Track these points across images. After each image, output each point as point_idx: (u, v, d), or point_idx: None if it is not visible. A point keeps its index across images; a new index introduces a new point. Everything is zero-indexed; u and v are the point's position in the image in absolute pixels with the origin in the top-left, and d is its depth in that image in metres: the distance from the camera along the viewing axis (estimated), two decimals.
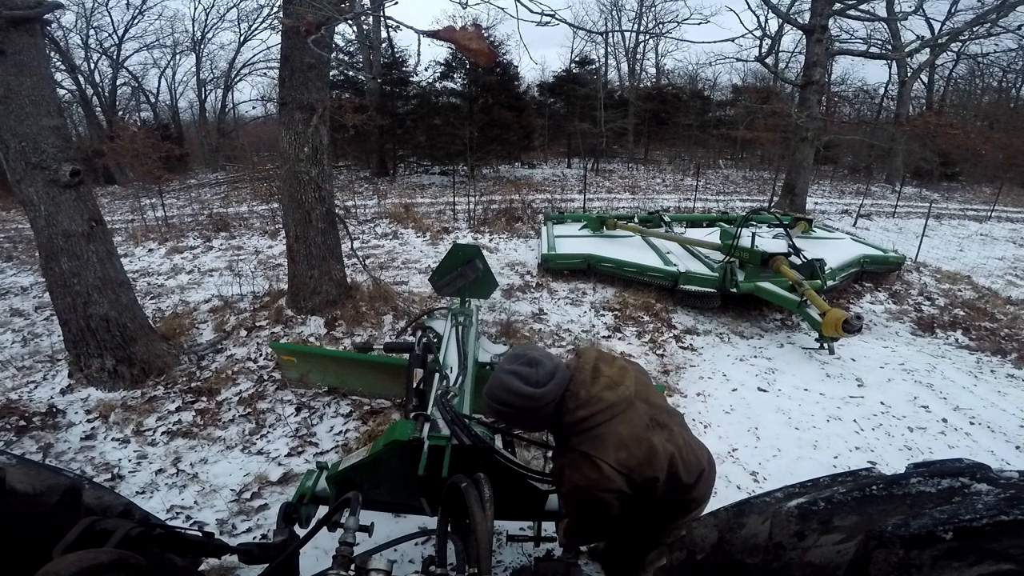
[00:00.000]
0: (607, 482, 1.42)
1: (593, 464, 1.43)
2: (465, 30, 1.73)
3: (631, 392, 1.53)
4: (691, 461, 1.56)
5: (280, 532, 1.69)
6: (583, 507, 1.53)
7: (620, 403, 1.50)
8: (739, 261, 5.74)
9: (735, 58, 23.19)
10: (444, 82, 18.52)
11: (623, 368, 1.60)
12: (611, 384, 1.52)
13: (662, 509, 1.58)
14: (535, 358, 1.52)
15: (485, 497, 1.33)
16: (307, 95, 4.51)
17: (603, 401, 1.49)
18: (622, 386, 1.52)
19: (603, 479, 1.42)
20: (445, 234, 9.33)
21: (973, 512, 0.72)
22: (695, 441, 1.66)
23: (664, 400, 1.69)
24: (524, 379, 1.49)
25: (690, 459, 1.56)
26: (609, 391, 1.50)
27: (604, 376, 1.53)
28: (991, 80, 24.96)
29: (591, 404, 1.48)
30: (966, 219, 13.44)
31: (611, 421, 1.48)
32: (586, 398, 1.49)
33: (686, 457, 1.55)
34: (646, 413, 1.53)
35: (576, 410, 1.49)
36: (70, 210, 3.51)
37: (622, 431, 1.46)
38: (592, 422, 1.48)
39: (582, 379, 1.53)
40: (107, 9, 21.10)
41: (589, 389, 1.50)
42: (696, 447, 1.63)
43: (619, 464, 1.42)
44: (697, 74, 27.91)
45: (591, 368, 1.55)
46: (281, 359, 3.87)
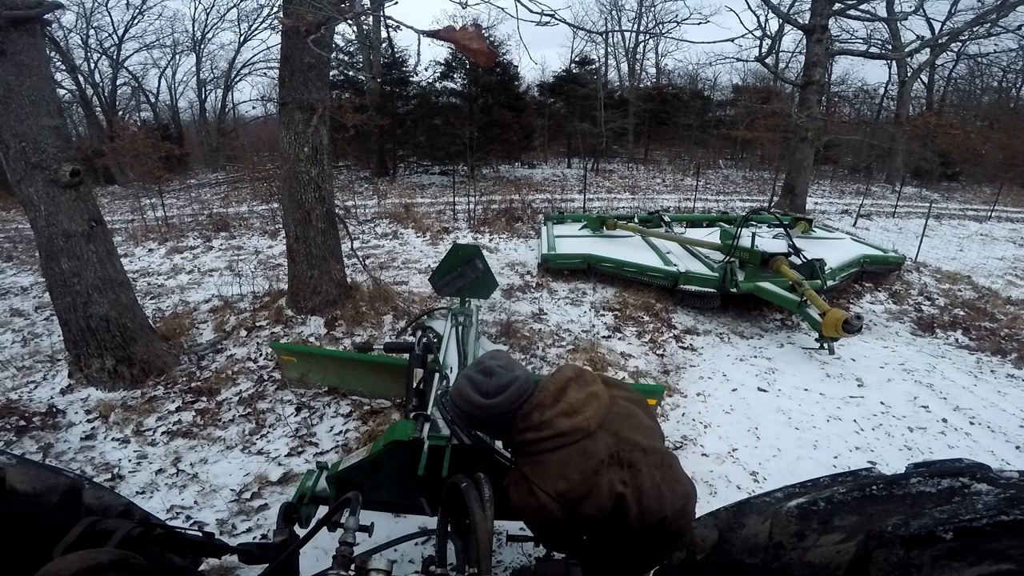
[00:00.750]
0: (543, 511, 1.37)
1: (530, 490, 1.38)
2: (465, 30, 1.73)
3: (591, 423, 1.42)
4: (650, 507, 1.42)
5: (280, 532, 1.69)
6: (528, 525, 1.50)
7: (573, 432, 1.40)
8: (739, 261, 5.74)
9: (735, 58, 23.17)
10: (444, 82, 18.54)
11: (593, 395, 1.49)
12: (569, 411, 1.42)
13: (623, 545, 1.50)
14: (491, 368, 1.47)
15: (485, 497, 1.33)
16: (307, 95, 4.51)
17: (554, 428, 1.40)
18: (580, 416, 1.42)
19: (540, 507, 1.37)
20: (445, 234, 9.33)
21: (973, 512, 0.72)
22: (673, 487, 1.50)
23: (650, 435, 1.56)
24: (475, 387, 1.46)
25: (649, 504, 1.42)
26: (564, 418, 1.41)
27: (565, 401, 1.44)
28: (991, 80, 24.99)
29: (541, 428, 1.41)
30: (966, 219, 13.44)
31: (558, 450, 1.40)
32: (537, 421, 1.42)
33: (644, 502, 1.41)
34: (607, 448, 1.42)
35: (525, 431, 1.43)
36: (70, 210, 3.51)
37: (567, 462, 1.38)
38: (538, 447, 1.41)
39: (540, 400, 1.45)
40: (107, 9, 21.13)
41: (544, 412, 1.42)
42: (668, 494, 1.47)
43: (557, 494, 1.35)
44: (697, 74, 27.95)
45: (556, 389, 1.47)
46: (281, 359, 3.88)
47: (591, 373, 1.59)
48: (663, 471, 1.50)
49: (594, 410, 1.45)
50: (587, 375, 1.56)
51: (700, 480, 3.07)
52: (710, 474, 3.14)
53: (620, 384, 1.68)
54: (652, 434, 1.57)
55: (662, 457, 1.53)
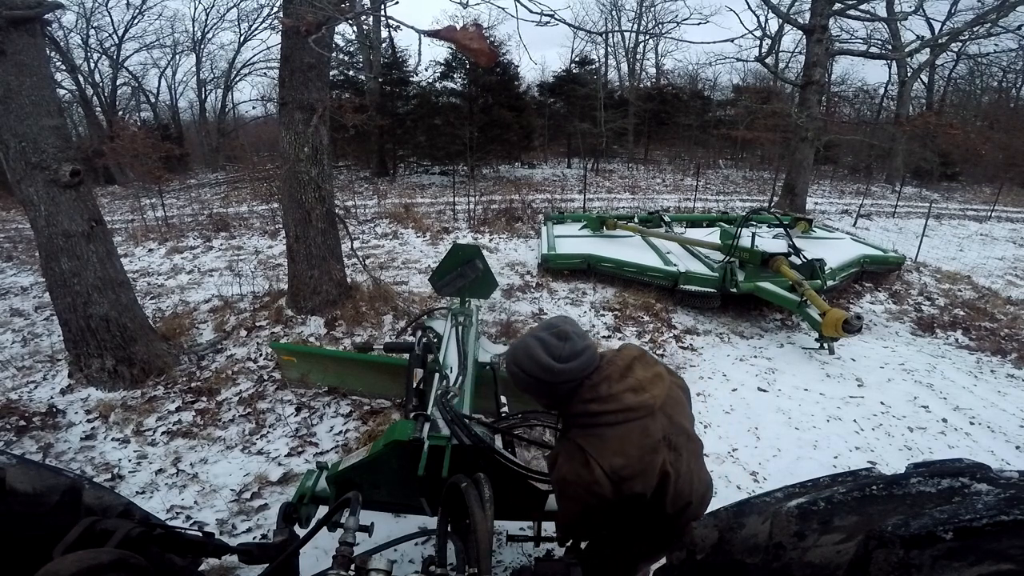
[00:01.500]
0: (595, 485, 1.36)
1: (586, 462, 1.36)
2: (466, 30, 1.73)
3: (656, 403, 1.43)
4: (682, 491, 1.48)
5: (280, 532, 1.69)
6: (567, 501, 1.48)
7: (639, 409, 1.41)
8: (739, 261, 5.74)
9: (735, 58, 23.17)
10: (444, 82, 18.54)
11: (658, 376, 1.50)
12: (637, 387, 1.42)
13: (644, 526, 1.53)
14: (566, 332, 1.44)
15: (485, 497, 1.33)
16: (307, 95, 4.51)
17: (620, 402, 1.40)
18: (647, 393, 1.43)
19: (592, 481, 1.36)
20: (445, 234, 9.32)
21: (973, 512, 0.72)
22: (700, 475, 1.58)
23: (691, 425, 1.62)
24: (548, 350, 1.41)
25: (682, 489, 1.48)
26: (631, 394, 1.41)
27: (633, 377, 1.44)
28: (991, 80, 24.99)
29: (607, 401, 1.40)
30: (966, 219, 13.44)
31: (620, 425, 1.39)
32: (605, 393, 1.40)
33: (679, 486, 1.47)
34: (662, 429, 1.45)
35: (589, 402, 1.41)
36: (70, 210, 3.51)
37: (627, 438, 1.38)
38: (600, 419, 1.40)
39: (609, 373, 1.43)
40: (107, 9, 21.13)
41: (612, 385, 1.41)
42: (696, 481, 1.55)
43: (612, 470, 1.35)
44: (697, 74, 27.96)
45: (624, 365, 1.46)
46: (281, 359, 3.87)
47: (652, 356, 1.62)
48: (696, 460, 1.58)
49: (660, 390, 1.47)
50: (649, 357, 1.57)
51: None
52: (710, 474, 3.13)
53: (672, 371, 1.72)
54: (692, 423, 1.66)
55: (697, 446, 1.62)
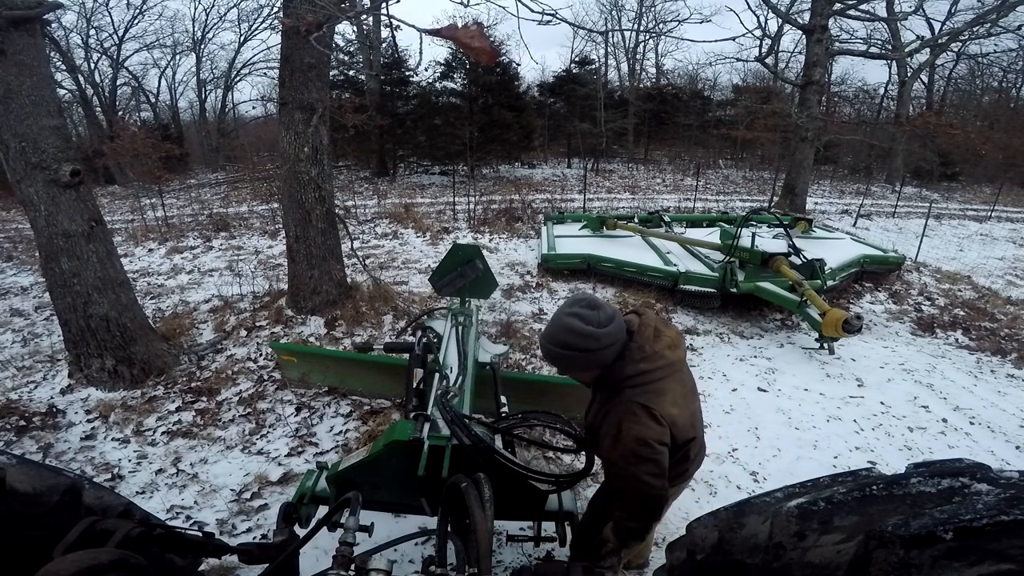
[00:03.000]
0: (664, 435, 1.49)
1: (652, 416, 1.47)
2: (467, 28, 1.73)
3: (684, 355, 1.65)
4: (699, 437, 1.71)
5: (280, 532, 1.69)
6: (639, 466, 1.47)
7: (677, 363, 1.58)
8: (739, 261, 5.74)
9: (735, 58, 23.26)
10: (444, 82, 18.53)
11: (680, 335, 1.70)
12: (672, 344, 1.59)
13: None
14: (596, 301, 1.56)
15: (485, 497, 1.33)
16: (307, 95, 4.51)
17: (664, 358, 1.55)
18: (680, 348, 1.62)
19: (663, 431, 1.48)
20: (445, 234, 9.32)
21: (973, 512, 0.72)
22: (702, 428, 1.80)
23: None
24: (586, 320, 1.51)
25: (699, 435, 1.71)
26: (670, 350, 1.57)
27: (666, 336, 1.60)
28: (991, 80, 24.99)
29: (654, 359, 1.53)
30: (966, 219, 13.43)
31: (668, 378, 1.55)
32: (650, 352, 1.54)
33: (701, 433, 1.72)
34: (691, 380, 1.69)
35: (639, 362, 1.53)
36: (70, 210, 3.51)
37: (676, 389, 1.56)
38: (653, 376, 1.53)
39: (646, 335, 1.57)
40: (107, 9, 21.14)
41: (653, 345, 1.55)
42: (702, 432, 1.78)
43: (670, 420, 1.50)
44: (697, 74, 27.98)
45: (655, 326, 1.61)
46: (281, 359, 3.88)
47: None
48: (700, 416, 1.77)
49: (683, 346, 1.68)
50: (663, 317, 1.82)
51: (700, 480, 3.07)
52: (710, 474, 3.14)
53: None
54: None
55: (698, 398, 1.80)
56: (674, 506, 2.83)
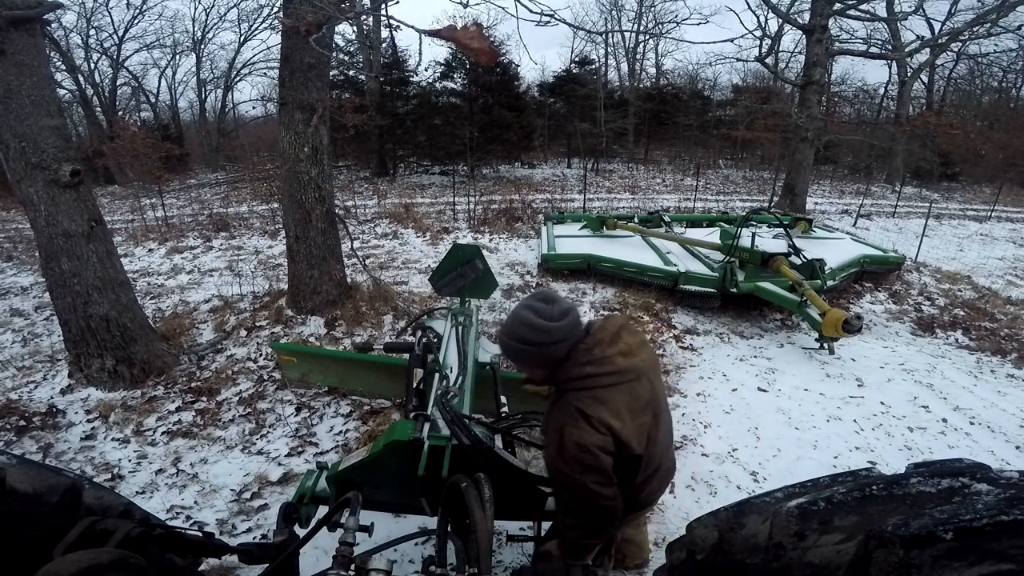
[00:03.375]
0: (607, 443, 1.40)
1: (591, 424, 1.40)
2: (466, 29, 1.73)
3: (644, 366, 1.52)
4: (653, 457, 1.56)
5: (280, 532, 1.69)
6: (585, 475, 1.42)
7: (629, 372, 1.48)
8: (739, 261, 5.74)
9: (735, 58, 23.19)
10: (444, 82, 18.54)
11: (644, 343, 1.60)
12: (627, 352, 1.50)
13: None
14: (551, 295, 1.54)
15: (485, 497, 1.33)
16: (307, 95, 4.51)
17: (614, 364, 1.47)
18: (637, 357, 1.51)
19: (604, 439, 1.40)
20: (445, 234, 9.32)
21: (973, 512, 0.72)
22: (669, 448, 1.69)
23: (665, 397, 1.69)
24: (538, 312, 1.48)
25: (653, 455, 1.56)
26: (623, 357, 1.48)
27: (623, 342, 1.52)
28: (991, 80, 24.99)
29: (602, 363, 1.46)
30: (966, 219, 13.44)
31: (615, 387, 1.46)
32: (599, 356, 1.47)
33: (651, 452, 1.55)
34: (648, 393, 1.52)
35: (585, 364, 1.47)
36: (70, 210, 3.51)
37: (622, 400, 1.45)
38: (597, 381, 1.46)
39: (601, 337, 1.51)
40: (107, 9, 21.14)
41: (605, 349, 1.48)
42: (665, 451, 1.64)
43: (611, 431, 1.41)
44: (697, 74, 27.98)
45: (614, 331, 1.54)
46: (281, 359, 3.87)
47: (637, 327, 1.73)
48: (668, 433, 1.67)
49: (646, 355, 1.55)
50: (633, 326, 1.65)
51: (700, 480, 3.07)
52: (710, 474, 3.14)
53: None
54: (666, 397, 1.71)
55: (669, 419, 1.70)
56: (674, 506, 2.85)
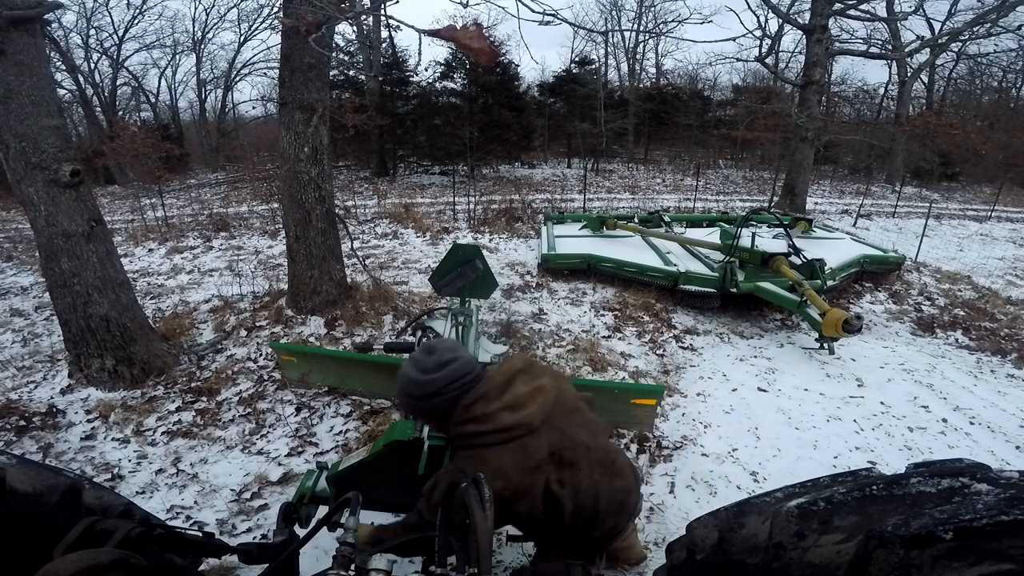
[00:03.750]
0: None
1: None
2: (466, 29, 1.73)
3: (536, 419, 1.39)
4: (583, 504, 1.43)
5: (280, 532, 1.69)
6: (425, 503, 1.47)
7: (516, 428, 1.37)
8: (739, 261, 5.74)
9: (735, 58, 23.25)
10: (444, 82, 18.54)
11: (539, 389, 1.44)
12: (514, 405, 1.39)
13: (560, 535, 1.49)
14: (433, 346, 1.46)
15: (485, 497, 1.33)
16: (307, 95, 4.51)
17: (496, 422, 1.37)
18: (525, 411, 1.39)
19: None
20: (445, 234, 9.33)
21: (973, 512, 0.72)
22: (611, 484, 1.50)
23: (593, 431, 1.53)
24: (415, 364, 1.43)
25: (584, 501, 1.43)
26: (508, 413, 1.38)
27: (511, 394, 1.41)
28: (991, 80, 24.98)
29: (483, 421, 1.38)
30: (966, 219, 13.44)
31: (498, 446, 1.36)
32: (480, 413, 1.38)
33: (580, 500, 1.43)
34: (549, 446, 1.40)
35: (466, 423, 1.39)
36: (70, 210, 3.51)
37: (505, 460, 1.35)
38: (478, 440, 1.38)
39: (485, 391, 1.40)
40: (107, 9, 21.15)
41: (488, 404, 1.39)
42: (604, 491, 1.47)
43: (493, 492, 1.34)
44: (697, 74, 27.96)
45: (502, 381, 1.43)
46: (281, 359, 3.88)
47: (541, 365, 1.55)
48: (604, 468, 1.49)
49: (539, 405, 1.41)
50: (536, 367, 1.52)
51: (700, 480, 3.07)
52: (710, 474, 3.14)
53: (567, 378, 1.65)
54: (596, 429, 1.56)
55: (604, 453, 1.52)
56: (674, 506, 2.85)
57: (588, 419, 1.56)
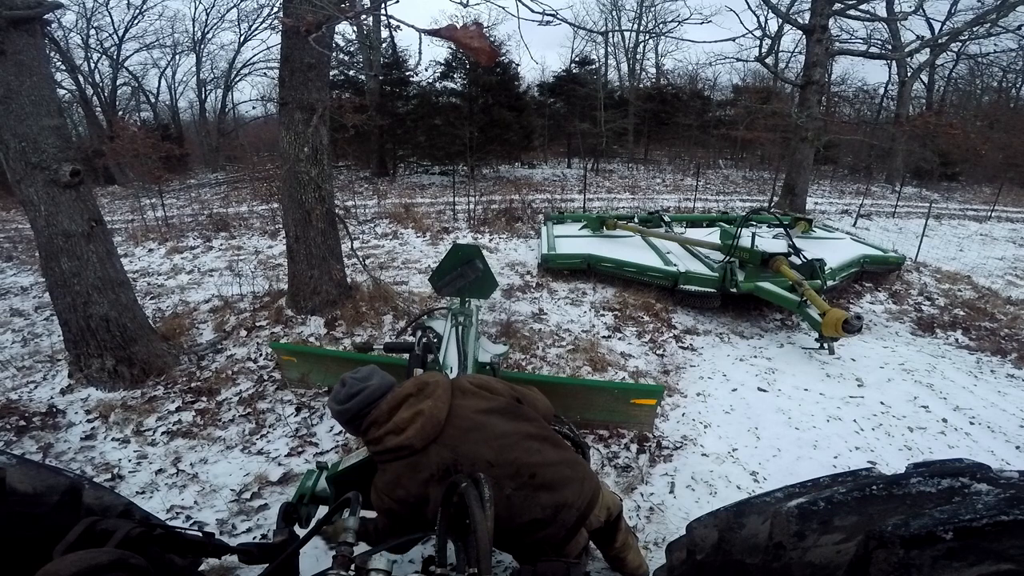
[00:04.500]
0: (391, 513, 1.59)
1: (378, 495, 1.59)
2: (467, 29, 1.73)
3: (416, 442, 1.53)
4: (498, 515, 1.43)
5: (280, 532, 1.69)
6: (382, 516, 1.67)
7: (400, 450, 1.53)
8: (739, 261, 5.74)
9: (735, 58, 23.22)
10: (444, 82, 18.54)
11: (419, 413, 1.54)
12: (395, 430, 1.55)
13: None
14: (345, 379, 1.62)
15: (485, 497, 1.33)
16: (307, 95, 4.51)
17: (384, 444, 1.55)
18: (404, 434, 1.53)
19: (388, 510, 1.59)
20: (445, 234, 9.32)
21: (973, 512, 0.72)
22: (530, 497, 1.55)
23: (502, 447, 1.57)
24: (333, 395, 1.62)
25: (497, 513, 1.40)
26: (392, 436, 1.54)
27: (394, 420, 1.56)
28: (991, 80, 24.99)
29: (376, 443, 1.57)
30: (966, 219, 13.44)
31: (393, 463, 1.56)
32: (373, 437, 1.57)
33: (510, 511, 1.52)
34: (441, 462, 1.52)
35: (369, 443, 1.61)
36: (70, 210, 3.51)
37: (401, 474, 1.55)
38: (379, 458, 1.59)
39: (375, 418, 1.57)
40: (107, 9, 21.12)
41: (379, 429, 1.57)
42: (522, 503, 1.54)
43: (398, 500, 1.55)
44: (697, 74, 27.92)
45: (389, 408, 1.58)
46: (281, 359, 3.88)
47: (435, 384, 1.63)
48: (516, 482, 1.55)
49: (417, 429, 1.53)
50: (428, 388, 1.62)
51: (700, 480, 3.07)
52: (710, 474, 3.14)
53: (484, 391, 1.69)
54: (507, 444, 1.58)
55: (515, 468, 1.56)
56: (674, 506, 2.85)
57: (500, 432, 1.59)
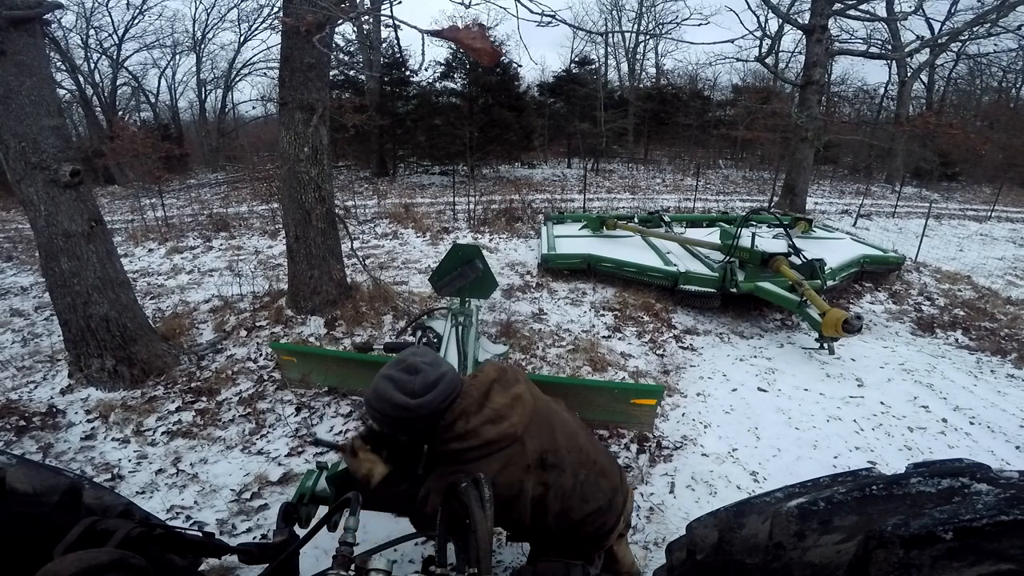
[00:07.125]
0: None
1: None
2: (468, 29, 1.73)
3: (518, 429, 1.39)
4: (571, 507, 1.46)
5: (280, 532, 1.69)
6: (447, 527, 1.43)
7: (501, 440, 1.37)
8: (739, 261, 5.74)
9: (735, 58, 23.16)
10: (444, 82, 18.53)
11: (517, 399, 1.43)
12: (495, 418, 1.38)
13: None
14: (415, 365, 1.39)
15: (485, 497, 1.33)
16: (307, 95, 4.51)
17: (480, 437, 1.36)
18: (507, 421, 1.38)
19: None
20: (445, 234, 9.33)
21: (973, 512, 0.72)
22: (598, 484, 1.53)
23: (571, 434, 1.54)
24: (399, 387, 1.36)
25: (571, 504, 1.46)
26: (491, 426, 1.37)
27: (490, 407, 1.39)
28: (991, 80, 24.98)
29: (467, 438, 1.35)
30: (966, 219, 13.44)
31: (485, 459, 1.35)
32: (463, 430, 1.36)
33: (567, 503, 1.46)
34: (535, 451, 1.41)
35: (450, 442, 1.37)
36: (70, 210, 3.51)
37: (493, 468, 1.35)
38: (465, 457, 1.36)
39: (464, 407, 1.37)
40: (107, 9, 21.11)
41: (469, 420, 1.36)
42: (590, 492, 1.50)
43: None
44: (697, 74, 27.93)
45: (480, 395, 1.40)
46: (281, 359, 3.88)
47: (514, 371, 1.53)
48: (587, 468, 1.52)
49: (520, 415, 1.41)
50: (510, 374, 1.51)
51: (700, 480, 3.07)
52: (710, 474, 3.14)
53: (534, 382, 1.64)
54: (574, 431, 1.56)
55: (586, 454, 1.53)
56: (674, 506, 2.85)
57: (565, 419, 1.56)
